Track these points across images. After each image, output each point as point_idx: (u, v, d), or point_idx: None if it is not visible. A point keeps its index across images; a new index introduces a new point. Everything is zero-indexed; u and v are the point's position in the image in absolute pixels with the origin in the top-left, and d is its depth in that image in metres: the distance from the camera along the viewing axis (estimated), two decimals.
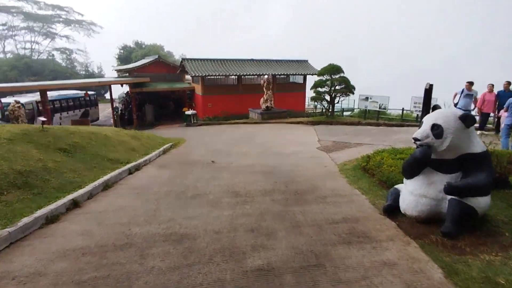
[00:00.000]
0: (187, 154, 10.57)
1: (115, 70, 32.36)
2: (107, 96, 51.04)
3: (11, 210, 4.64)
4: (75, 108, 23.66)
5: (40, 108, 19.30)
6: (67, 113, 22.97)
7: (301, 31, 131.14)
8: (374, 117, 18.30)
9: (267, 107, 21.82)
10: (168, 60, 34.16)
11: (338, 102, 19.39)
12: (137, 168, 8.05)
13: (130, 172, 7.60)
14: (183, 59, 25.36)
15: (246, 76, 25.65)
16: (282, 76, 27.02)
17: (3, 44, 56.19)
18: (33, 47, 57.18)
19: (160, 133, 19.57)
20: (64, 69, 53.91)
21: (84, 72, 58.71)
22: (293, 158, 9.20)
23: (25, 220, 4.32)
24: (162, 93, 28.94)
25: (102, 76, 56.09)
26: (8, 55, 54.79)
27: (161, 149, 10.73)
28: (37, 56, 56.67)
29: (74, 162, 7.11)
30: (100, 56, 76.07)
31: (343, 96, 18.79)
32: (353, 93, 18.49)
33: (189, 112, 23.27)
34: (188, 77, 29.53)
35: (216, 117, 24.33)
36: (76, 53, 59.74)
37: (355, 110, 26.62)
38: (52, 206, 4.87)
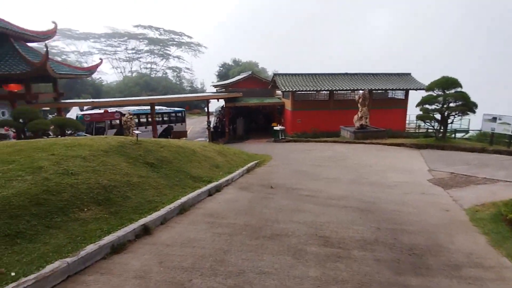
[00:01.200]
0: (271, 175, 9.64)
1: (213, 85, 34.24)
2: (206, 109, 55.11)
3: (83, 231, 4.31)
4: (156, 124, 22.42)
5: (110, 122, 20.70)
6: (145, 128, 22.07)
7: (405, 41, 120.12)
8: (504, 142, 14.39)
9: (361, 125, 19.66)
10: (261, 75, 34.70)
11: (452, 122, 16.05)
12: (218, 189, 7.43)
13: (210, 193, 6.99)
14: (274, 74, 25.15)
15: (338, 92, 23.94)
16: (380, 91, 24.38)
17: (131, 65, 66.25)
18: (152, 67, 65.96)
19: (248, 148, 19.39)
20: (173, 85, 60.43)
21: (189, 88, 64.81)
22: (398, 192, 7.36)
23: (90, 248, 3.88)
24: (253, 108, 29.31)
25: (204, 91, 60.95)
26: (134, 74, 64.20)
27: (245, 167, 10.07)
28: (155, 74, 65.05)
29: (158, 178, 6.84)
30: (203, 73, 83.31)
31: (459, 115, 15.41)
32: (474, 112, 14.87)
33: (277, 127, 22.67)
34: (279, 92, 29.26)
35: (305, 134, 23.17)
36: (184, 71, 66.59)
37: (470, 131, 22.10)
38: (122, 232, 4.40)
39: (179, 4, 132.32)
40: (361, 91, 20.20)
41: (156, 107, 23.28)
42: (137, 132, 8.26)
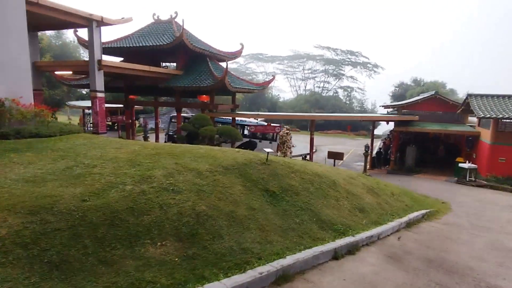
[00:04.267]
0: (446, 241, 6.14)
1: (383, 106, 30.09)
2: (376, 132, 50.14)
3: (131, 281, 3.08)
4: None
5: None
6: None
7: None
8: None
9: None
10: (449, 97, 27.69)
11: None
12: (351, 249, 4.96)
13: (336, 255, 4.66)
14: (468, 95, 18.95)
15: None
16: None
17: (305, 83, 69.31)
18: (324, 86, 66.64)
19: (417, 186, 15.01)
20: (342, 104, 58.65)
21: (359, 108, 61.27)
22: None
23: None
24: (431, 136, 23.42)
25: (374, 113, 55.99)
26: (307, 92, 66.74)
27: (406, 218, 6.94)
28: (326, 93, 65.38)
29: (272, 214, 5.13)
30: (376, 94, 77.42)
31: None
32: None
33: (465, 164, 16.77)
34: (472, 119, 22.17)
35: (510, 179, 16.09)
36: (355, 91, 63.64)
37: None
38: None
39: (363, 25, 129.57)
40: None
41: (238, 118, 22.58)
42: (268, 150, 6.93)
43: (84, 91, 32.19)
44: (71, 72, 17.76)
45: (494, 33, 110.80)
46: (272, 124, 21.54)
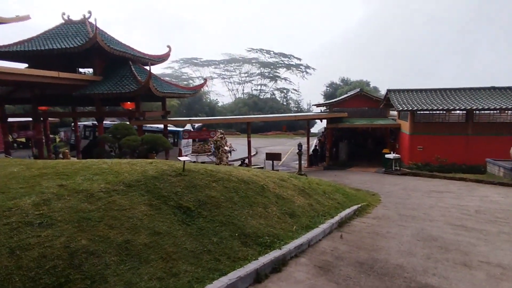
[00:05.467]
0: (377, 238, 5.92)
1: (315, 105, 31.19)
2: (312, 130, 52.15)
3: None
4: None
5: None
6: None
7: None
8: None
9: None
10: (372, 94, 29.78)
11: None
12: (277, 265, 4.33)
13: (258, 276, 3.96)
14: (388, 90, 20.38)
15: (481, 112, 17.49)
16: None
17: (243, 87, 69.51)
18: (261, 88, 67.57)
19: (349, 179, 15.42)
20: (280, 105, 60.02)
21: (295, 108, 63.36)
22: None
23: None
24: (360, 130, 24.80)
25: (310, 112, 58.41)
26: (245, 96, 66.94)
27: (337, 218, 6.62)
28: (263, 95, 66.34)
29: (184, 236, 4.25)
30: (310, 94, 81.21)
31: None
32: None
33: (390, 155, 17.86)
34: (393, 112, 24.03)
35: (428, 165, 17.54)
36: (291, 92, 65.78)
37: None
38: None
39: (287, 25, 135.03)
40: None
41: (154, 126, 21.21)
42: (184, 159, 6.02)
43: None
44: None
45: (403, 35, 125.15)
46: (206, 129, 20.59)
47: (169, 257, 3.76)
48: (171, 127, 23.46)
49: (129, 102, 18.77)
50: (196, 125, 31.32)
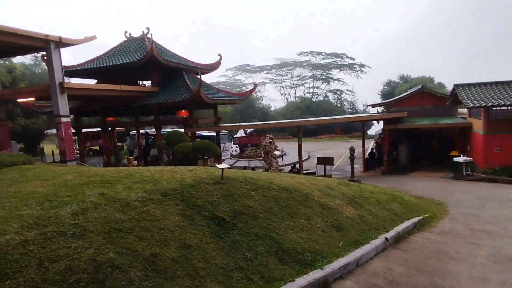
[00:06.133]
0: (443, 259, 4.98)
1: (370, 105, 29.17)
2: (369, 132, 49.19)
3: None
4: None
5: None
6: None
7: None
8: None
9: None
10: (436, 91, 26.82)
11: None
12: None
13: None
14: (455, 86, 17.96)
15: None
16: None
17: (295, 90, 68.74)
18: (314, 91, 66.04)
19: (411, 185, 13.86)
20: (333, 107, 57.86)
21: (350, 110, 60.53)
22: None
23: None
24: (423, 131, 22.40)
25: (366, 113, 55.23)
26: (297, 99, 66.03)
27: (393, 232, 5.78)
28: (316, 98, 64.69)
29: (216, 250, 3.97)
30: (366, 94, 76.88)
31: None
32: None
33: (460, 158, 15.70)
34: (462, 110, 21.23)
35: (508, 169, 15.01)
36: (345, 93, 63.07)
37: None
38: None
39: (340, 23, 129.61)
40: None
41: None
42: (222, 166, 5.79)
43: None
44: (33, 99, 16.68)
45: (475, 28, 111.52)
46: (256, 134, 20.48)
47: (196, 274, 3.50)
48: (206, 133, 24.01)
49: (183, 110, 19.59)
50: (248, 130, 31.55)
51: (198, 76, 20.99)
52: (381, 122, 23.96)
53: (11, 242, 3.21)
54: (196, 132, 20.03)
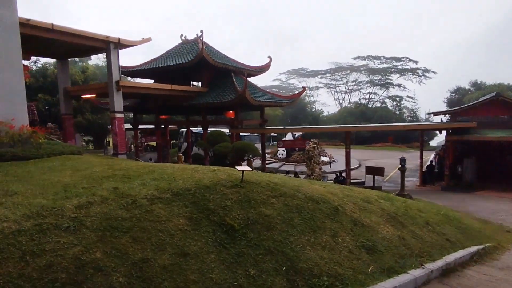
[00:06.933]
0: None
1: (432, 113, 26.22)
2: (431, 143, 44.64)
3: None
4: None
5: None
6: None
7: None
8: None
9: None
10: None
11: None
12: None
13: None
14: None
15: None
16: None
17: (350, 96, 65.65)
18: (370, 97, 62.30)
19: (475, 206, 11.87)
20: (391, 114, 53.82)
21: (410, 118, 55.78)
22: None
23: None
24: (495, 144, 19.29)
25: (428, 122, 50.29)
26: (351, 105, 62.95)
27: (440, 263, 4.72)
28: (372, 104, 60.92)
29: (216, 262, 3.51)
30: (429, 102, 70.20)
31: None
32: None
33: None
34: None
35: None
36: (405, 99, 58.34)
37: None
38: None
39: (410, 23, 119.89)
40: None
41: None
42: (243, 168, 5.29)
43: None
44: (94, 95, 18.14)
45: None
46: (301, 138, 19.68)
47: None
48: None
49: (231, 112, 19.68)
50: (297, 134, 30.75)
51: (248, 78, 21.02)
52: (444, 132, 21.33)
53: (5, 230, 3.13)
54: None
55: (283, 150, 27.42)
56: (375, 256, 4.53)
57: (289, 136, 29.67)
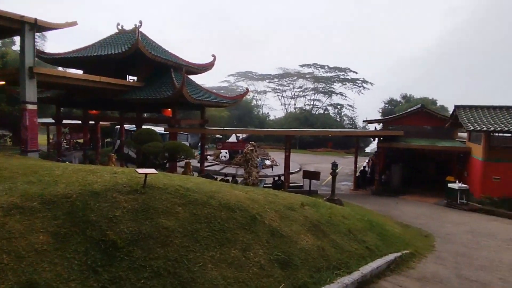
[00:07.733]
0: None
1: (366, 121, 27.95)
2: (367, 150, 47.81)
3: None
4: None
5: None
6: None
7: None
8: None
9: None
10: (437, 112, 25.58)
11: None
12: None
13: None
14: (456, 107, 16.71)
15: None
16: None
17: (295, 101, 67.67)
18: (314, 104, 64.93)
19: (399, 210, 12.50)
20: (332, 121, 56.65)
21: (349, 125, 59.32)
22: None
23: None
24: (419, 152, 21.09)
25: (365, 129, 54.00)
26: (297, 110, 64.90)
27: (357, 275, 4.45)
28: (316, 110, 63.57)
29: None
30: (367, 111, 75.56)
31: None
32: None
33: (454, 184, 14.35)
34: (462, 134, 19.96)
35: (508, 201, 13.65)
36: (346, 108, 61.95)
37: None
38: None
39: (360, 39, 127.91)
40: None
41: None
42: (145, 171, 4.52)
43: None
44: (3, 83, 15.51)
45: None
46: (242, 141, 19.27)
47: None
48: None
49: (168, 110, 18.41)
50: (241, 136, 30.34)
51: (190, 76, 19.87)
52: (377, 139, 22.71)
53: None
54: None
55: (226, 153, 26.76)
56: (289, 271, 4.08)
57: (233, 138, 29.12)
